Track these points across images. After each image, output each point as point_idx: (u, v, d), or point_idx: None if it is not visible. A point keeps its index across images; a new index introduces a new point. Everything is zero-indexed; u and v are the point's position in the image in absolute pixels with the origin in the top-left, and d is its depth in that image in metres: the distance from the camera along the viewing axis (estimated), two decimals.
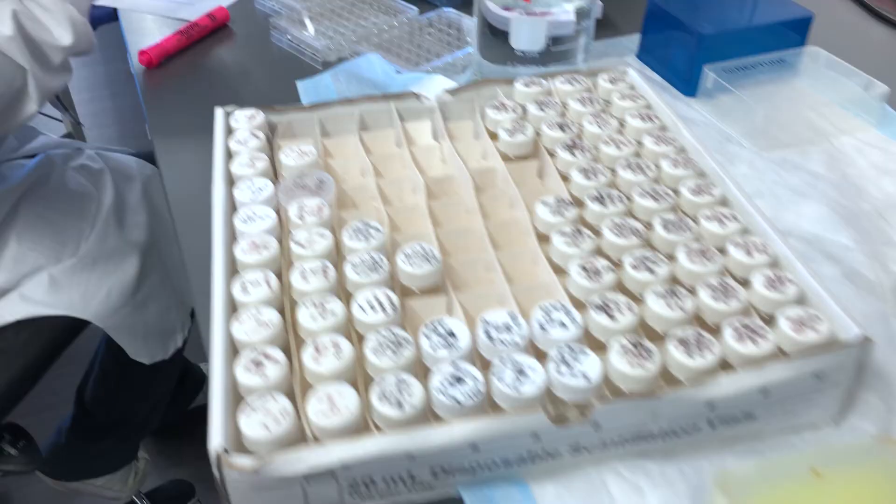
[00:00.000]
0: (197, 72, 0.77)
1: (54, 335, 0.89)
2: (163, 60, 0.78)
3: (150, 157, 1.09)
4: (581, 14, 0.64)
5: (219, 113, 0.56)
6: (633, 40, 0.79)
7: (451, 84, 0.70)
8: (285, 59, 0.78)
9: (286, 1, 0.86)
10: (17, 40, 0.68)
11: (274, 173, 0.53)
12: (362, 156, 0.55)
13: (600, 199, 0.48)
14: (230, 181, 0.51)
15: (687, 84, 0.71)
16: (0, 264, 0.87)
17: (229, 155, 0.53)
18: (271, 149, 0.55)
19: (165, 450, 1.43)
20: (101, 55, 2.32)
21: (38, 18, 0.71)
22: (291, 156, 0.52)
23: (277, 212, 0.48)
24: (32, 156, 0.95)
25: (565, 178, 0.52)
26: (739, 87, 0.68)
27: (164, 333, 1.03)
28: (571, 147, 0.53)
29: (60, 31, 0.71)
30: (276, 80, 0.74)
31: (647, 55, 0.76)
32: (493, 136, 0.57)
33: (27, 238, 0.89)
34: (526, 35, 0.63)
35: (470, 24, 0.80)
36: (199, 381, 1.47)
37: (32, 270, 0.89)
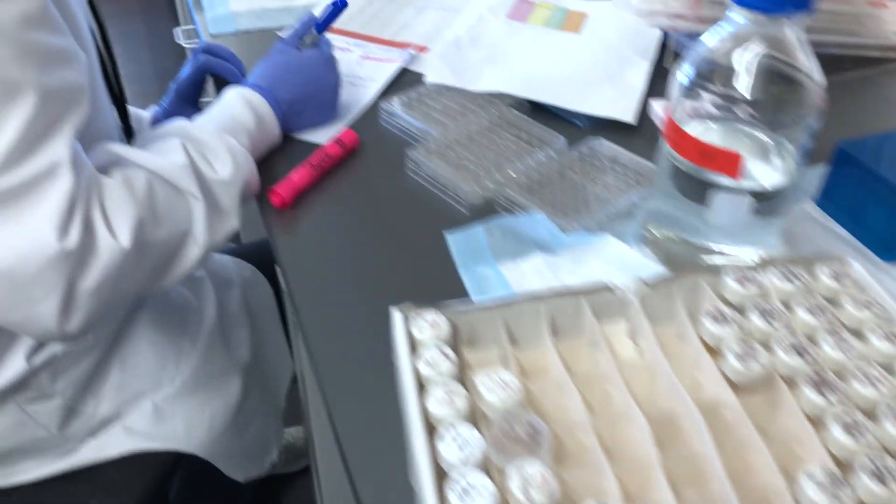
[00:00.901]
0: (333, 215, 0.70)
1: (161, 469, 0.83)
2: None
3: (245, 255, 1.03)
4: (790, 185, 0.57)
5: (397, 319, 0.50)
6: (808, 179, 0.71)
7: (624, 248, 0.63)
8: (426, 197, 0.71)
9: (414, 122, 0.79)
10: (188, 170, 0.63)
11: (469, 406, 0.46)
12: (560, 372, 0.49)
13: (879, 476, 0.40)
14: (429, 426, 0.44)
15: (887, 248, 0.63)
16: (103, 394, 0.82)
17: (420, 384, 0.46)
18: (460, 360, 0.48)
19: None
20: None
21: (200, 152, 0.65)
22: (494, 389, 0.45)
23: (488, 472, 0.41)
24: None
25: (811, 420, 0.45)
26: None
27: (261, 450, 0.97)
28: (818, 384, 0.45)
29: (220, 163, 0.65)
30: (420, 225, 0.68)
31: (830, 205, 0.68)
32: (710, 348, 0.49)
33: (130, 363, 0.84)
34: (727, 211, 0.56)
35: (619, 153, 0.73)
36: None
37: (134, 397, 0.84)
